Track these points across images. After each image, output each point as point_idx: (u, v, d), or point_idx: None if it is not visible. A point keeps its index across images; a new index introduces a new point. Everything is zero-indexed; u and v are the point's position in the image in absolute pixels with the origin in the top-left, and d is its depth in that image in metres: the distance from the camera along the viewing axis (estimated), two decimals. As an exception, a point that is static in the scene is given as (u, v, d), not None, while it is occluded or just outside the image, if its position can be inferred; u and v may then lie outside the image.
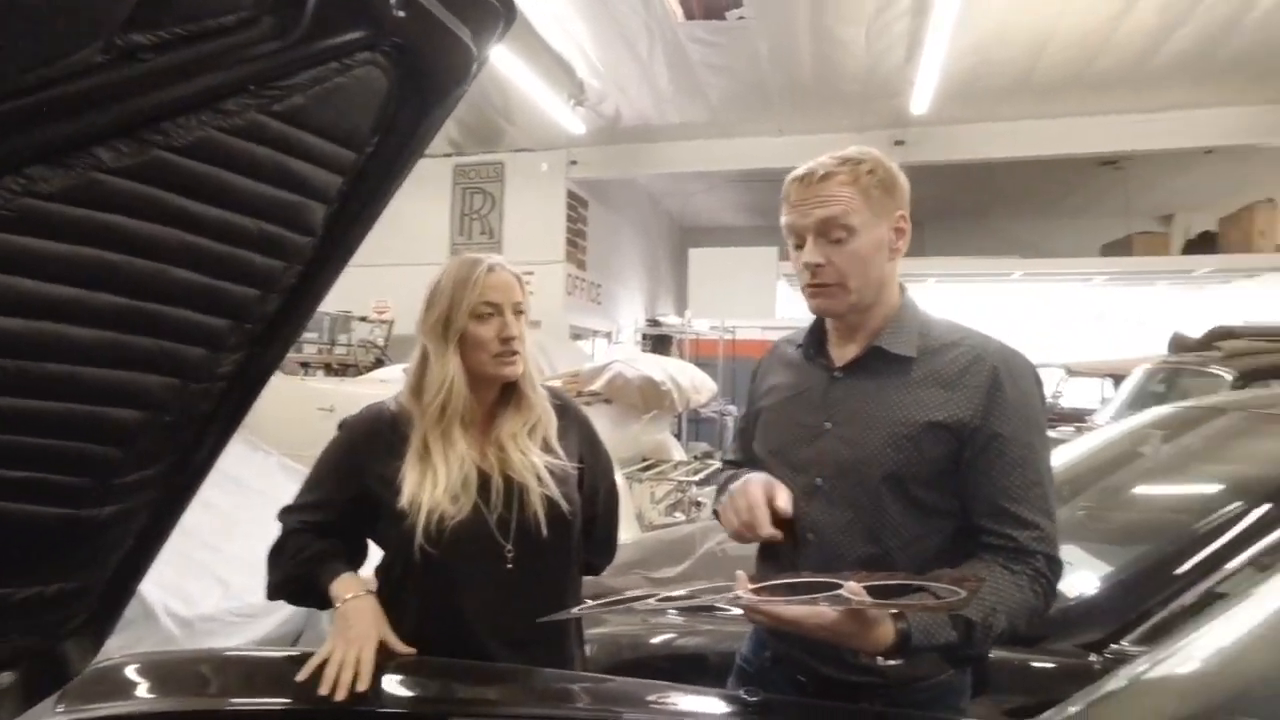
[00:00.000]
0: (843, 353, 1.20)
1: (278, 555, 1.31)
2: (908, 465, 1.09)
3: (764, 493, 1.12)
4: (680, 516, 4.24)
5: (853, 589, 0.90)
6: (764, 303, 8.96)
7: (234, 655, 1.54)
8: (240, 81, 0.68)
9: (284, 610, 2.14)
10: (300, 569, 1.27)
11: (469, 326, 1.26)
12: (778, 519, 1.11)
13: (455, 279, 1.26)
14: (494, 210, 9.20)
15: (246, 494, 2.62)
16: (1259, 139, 7.44)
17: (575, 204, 9.26)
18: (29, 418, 0.70)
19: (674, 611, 1.18)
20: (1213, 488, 1.66)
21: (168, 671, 1.27)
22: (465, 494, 1.23)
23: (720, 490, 1.30)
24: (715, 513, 1.31)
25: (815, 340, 1.24)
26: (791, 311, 10.09)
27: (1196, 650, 0.90)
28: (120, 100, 0.62)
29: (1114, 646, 1.36)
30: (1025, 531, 1.05)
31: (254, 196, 0.74)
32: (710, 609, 1.00)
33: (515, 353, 1.27)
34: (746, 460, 1.34)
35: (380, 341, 5.47)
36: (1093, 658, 1.37)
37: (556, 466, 1.29)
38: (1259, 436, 1.72)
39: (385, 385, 4.64)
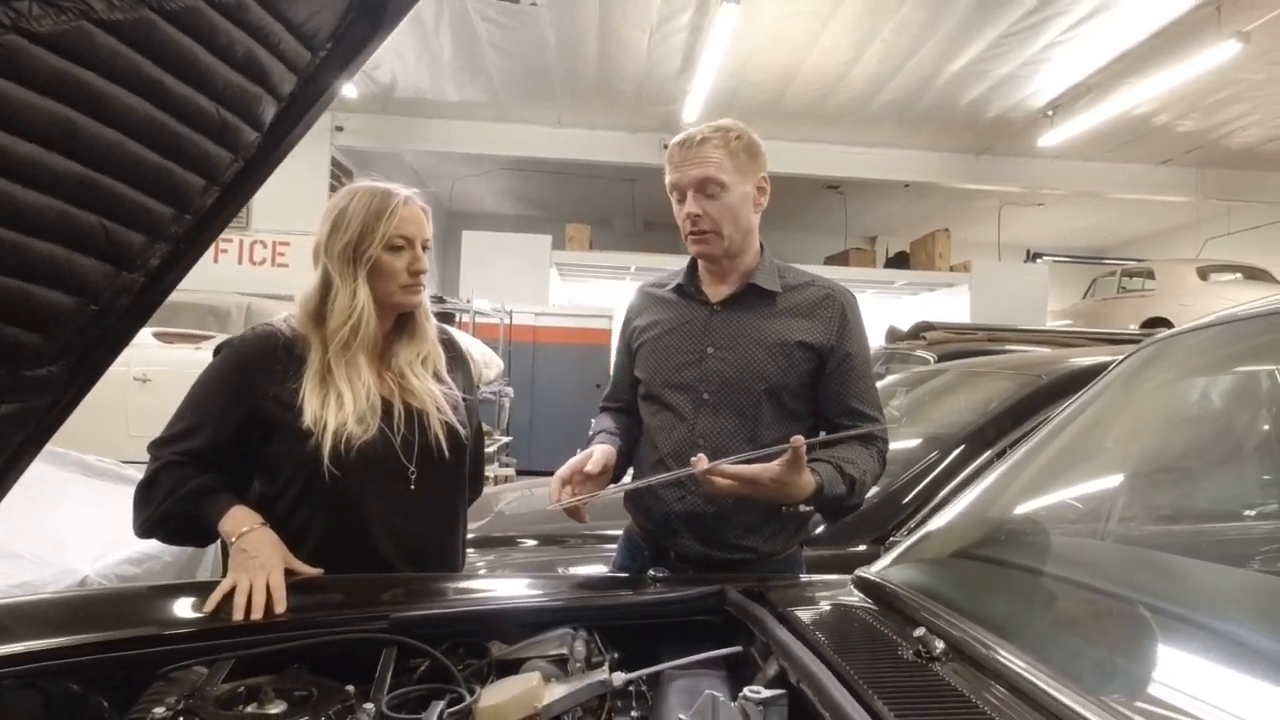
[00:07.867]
0: (717, 291, 1.42)
1: (149, 490, 1.20)
2: (783, 377, 1.35)
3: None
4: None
5: (798, 442, 1.13)
6: (538, 289, 9.11)
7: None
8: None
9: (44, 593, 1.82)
10: (180, 505, 1.18)
11: (380, 256, 1.25)
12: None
13: (369, 207, 1.25)
14: (242, 171, 8.25)
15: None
16: (941, 179, 9.27)
17: (339, 174, 8.64)
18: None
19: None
20: (946, 422, 2.21)
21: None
22: (372, 417, 1.22)
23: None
24: None
25: (692, 282, 1.44)
26: (561, 299, 10.38)
27: (954, 516, 1.33)
28: (124, -52, 0.60)
29: (892, 539, 1.74)
30: (870, 424, 1.37)
31: (221, 79, 0.73)
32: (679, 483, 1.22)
33: (422, 285, 1.30)
34: (625, 391, 1.52)
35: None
36: (879, 548, 1.75)
37: (449, 396, 1.34)
38: (970, 384, 2.49)
39: (134, 349, 3.99)
